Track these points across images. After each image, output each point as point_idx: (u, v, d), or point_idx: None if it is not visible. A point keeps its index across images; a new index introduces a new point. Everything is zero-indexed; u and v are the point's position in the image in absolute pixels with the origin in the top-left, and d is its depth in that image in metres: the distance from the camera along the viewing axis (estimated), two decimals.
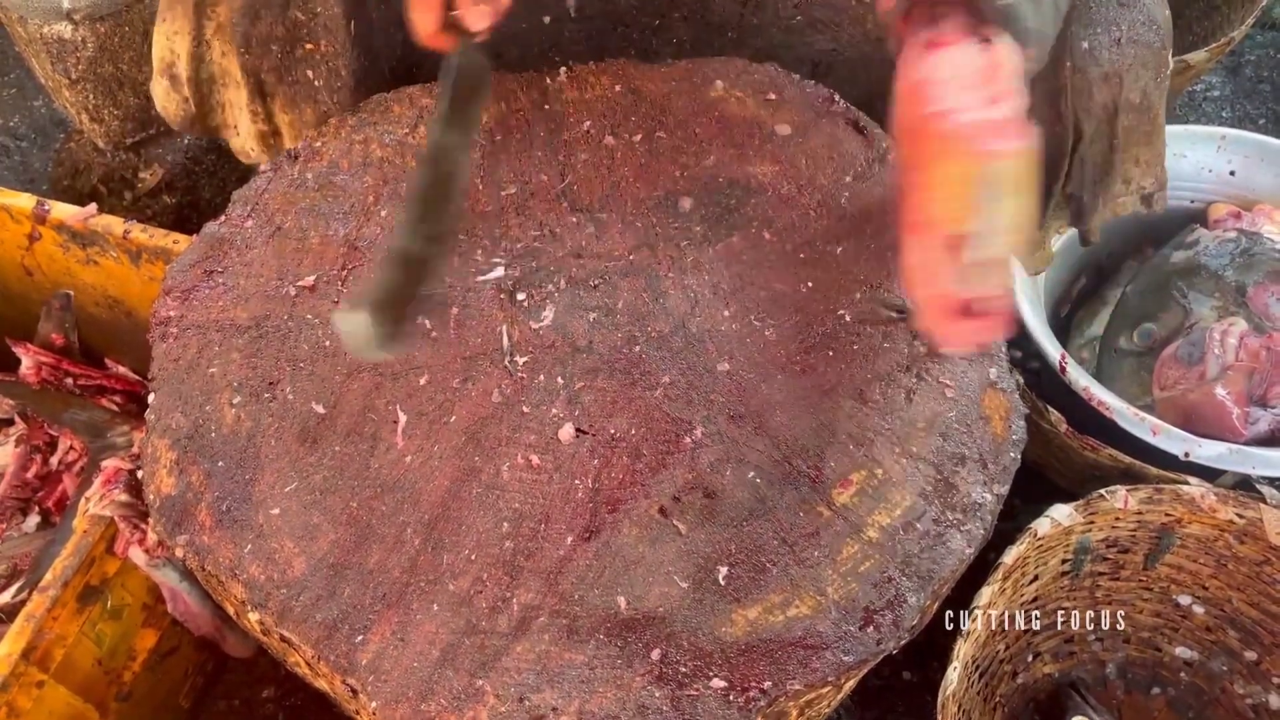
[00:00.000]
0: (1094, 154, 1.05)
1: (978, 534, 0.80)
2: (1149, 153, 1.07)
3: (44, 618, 0.92)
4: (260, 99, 1.03)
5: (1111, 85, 1.01)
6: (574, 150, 0.98)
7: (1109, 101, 1.02)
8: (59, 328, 1.29)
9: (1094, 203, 1.08)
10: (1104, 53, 1.00)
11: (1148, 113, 1.04)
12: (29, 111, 1.83)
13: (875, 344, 0.88)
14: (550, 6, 1.06)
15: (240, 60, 1.00)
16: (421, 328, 0.87)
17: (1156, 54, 1.02)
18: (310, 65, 1.01)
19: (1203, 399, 1.18)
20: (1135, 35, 1.01)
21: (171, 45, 1.03)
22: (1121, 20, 1.00)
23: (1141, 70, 1.01)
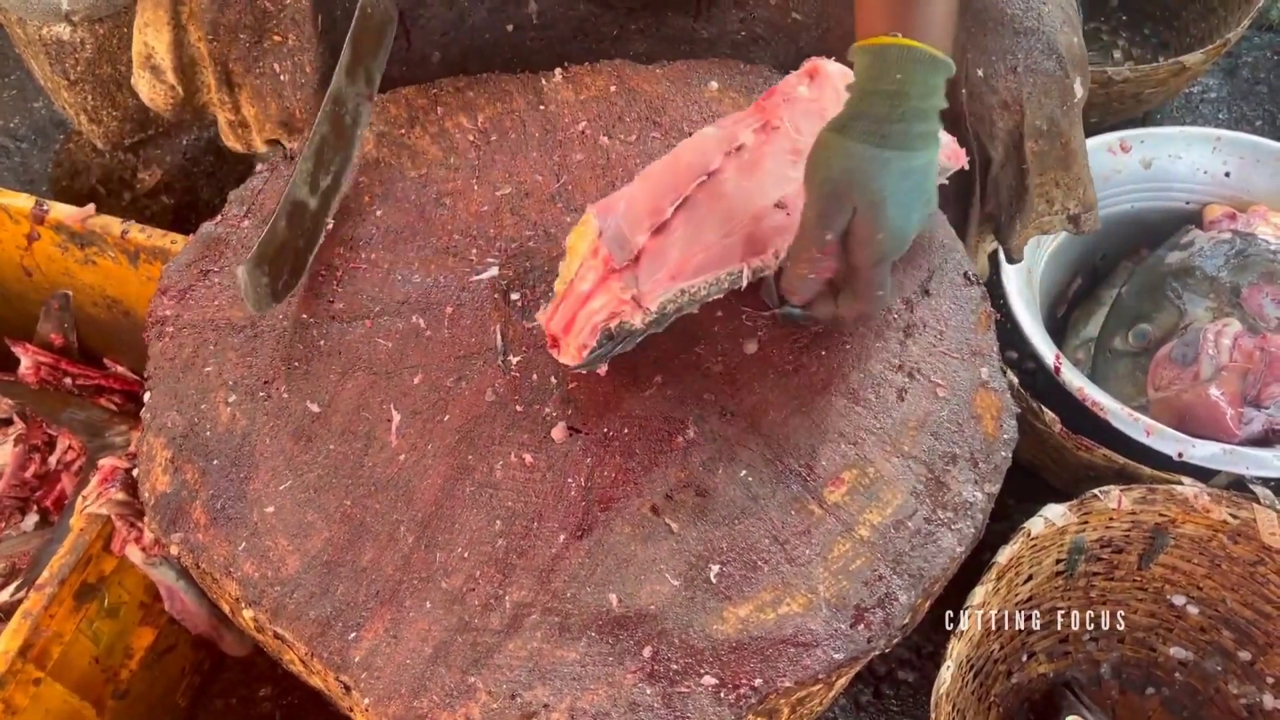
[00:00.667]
0: (1006, 177, 1.06)
1: (969, 533, 0.80)
2: (1067, 176, 1.07)
3: (41, 615, 0.93)
4: (228, 88, 1.04)
5: (1012, 113, 1.01)
6: (569, 150, 0.98)
7: (1013, 128, 1.02)
8: (58, 328, 1.29)
9: (1011, 223, 1.09)
10: (999, 81, 1.00)
11: (1058, 138, 1.04)
12: (29, 113, 1.84)
13: (868, 343, 0.88)
14: (512, 15, 1.07)
15: (208, 47, 1.00)
16: (416, 327, 0.88)
17: (1059, 82, 1.02)
18: (277, 58, 1.01)
19: (1197, 399, 1.18)
20: (1033, 64, 1.00)
21: (144, 38, 1.04)
22: (1018, 49, 1.00)
23: (1044, 98, 1.01)
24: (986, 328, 0.90)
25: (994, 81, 1.00)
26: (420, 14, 1.07)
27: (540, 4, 1.06)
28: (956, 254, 0.94)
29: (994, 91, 1.01)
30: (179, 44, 1.02)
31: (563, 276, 0.83)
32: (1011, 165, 1.05)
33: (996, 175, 1.06)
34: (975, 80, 1.01)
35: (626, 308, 0.80)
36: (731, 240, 0.84)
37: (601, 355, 0.81)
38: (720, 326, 0.87)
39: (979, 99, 1.01)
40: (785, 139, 0.89)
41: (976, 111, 1.02)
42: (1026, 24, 1.01)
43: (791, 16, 1.08)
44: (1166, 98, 1.58)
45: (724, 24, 1.10)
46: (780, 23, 1.09)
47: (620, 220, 0.84)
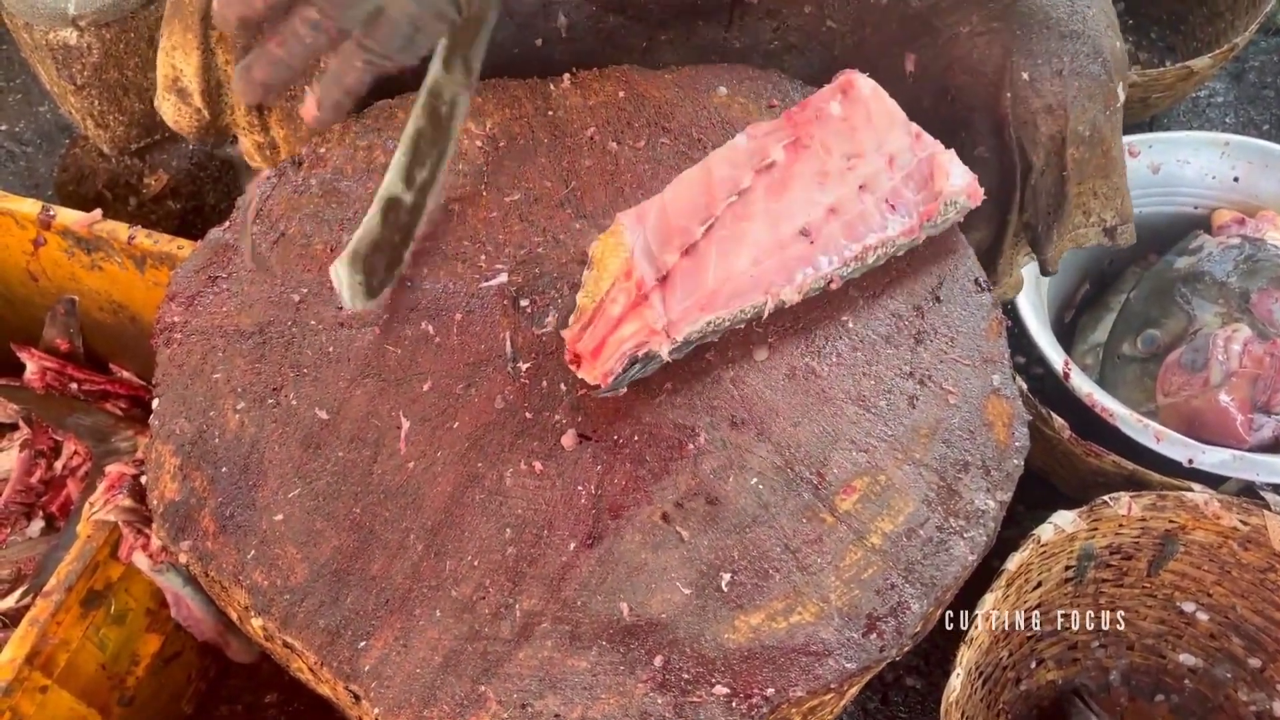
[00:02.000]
0: (1045, 184, 1.04)
1: (980, 541, 0.80)
2: (1105, 185, 1.06)
3: (48, 623, 0.92)
4: (257, 111, 1.03)
5: (1056, 117, 1.00)
6: (578, 156, 0.98)
7: (1055, 133, 1.00)
8: (64, 333, 1.29)
9: (1049, 233, 1.07)
10: (1045, 84, 0.99)
11: (1099, 145, 1.02)
12: (34, 117, 1.84)
13: (879, 350, 0.88)
14: (540, 29, 1.06)
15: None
16: (425, 334, 0.88)
17: (1103, 86, 1.01)
18: (308, 81, 1.01)
19: (1206, 405, 1.18)
20: (1079, 67, 0.99)
21: (172, 60, 1.03)
22: (1064, 52, 0.99)
23: (1088, 103, 1.00)
24: (998, 334, 0.90)
25: (1039, 85, 0.99)
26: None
27: (570, 17, 1.06)
28: (968, 260, 0.93)
29: (1039, 95, 0.99)
30: (208, 68, 1.02)
31: (589, 291, 0.83)
32: (1051, 172, 1.03)
33: (1036, 183, 1.04)
34: (1020, 84, 0.99)
35: (656, 338, 0.80)
36: (758, 270, 0.84)
37: (625, 380, 0.81)
38: (730, 333, 0.87)
39: (1024, 103, 1.00)
40: (814, 159, 0.89)
41: (1020, 115, 1.00)
42: (1073, 27, 1.00)
43: (826, 24, 1.07)
44: (1174, 102, 1.58)
45: (757, 34, 1.10)
46: (815, 31, 1.08)
47: (650, 235, 0.84)
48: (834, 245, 0.87)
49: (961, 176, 0.91)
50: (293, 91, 1.01)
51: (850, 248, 0.87)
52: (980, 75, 1.01)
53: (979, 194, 0.92)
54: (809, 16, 1.07)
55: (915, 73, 1.04)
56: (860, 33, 1.07)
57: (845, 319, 0.89)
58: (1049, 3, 1.00)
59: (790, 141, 0.89)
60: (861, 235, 0.88)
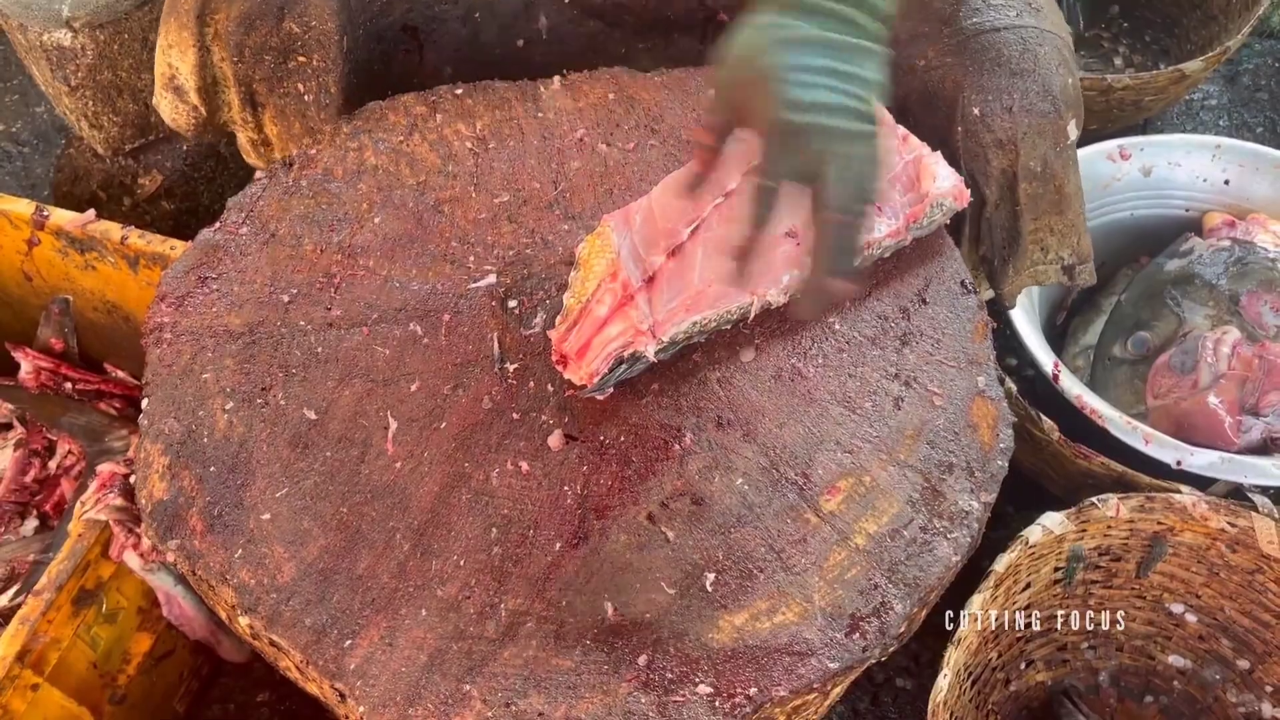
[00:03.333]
0: (999, 219, 1.05)
1: (964, 542, 0.80)
2: (1061, 222, 1.06)
3: (39, 621, 0.93)
4: (251, 108, 1.04)
5: (1007, 152, 1.01)
6: (567, 158, 0.99)
7: (1006, 168, 1.02)
8: (58, 332, 1.29)
9: (1004, 268, 1.08)
10: (996, 120, 1.00)
11: (1051, 181, 1.03)
12: (31, 117, 1.84)
13: (864, 351, 0.88)
14: (523, 30, 1.07)
15: (233, 69, 1.01)
16: (414, 334, 0.88)
17: (1053, 123, 1.02)
18: (301, 78, 1.02)
19: (1195, 408, 1.18)
20: (1028, 104, 1.01)
21: (168, 59, 1.04)
22: (1014, 89, 1.00)
23: (1038, 139, 1.01)
24: (983, 336, 0.90)
25: (990, 120, 1.01)
26: (435, 30, 1.08)
27: (550, 20, 1.06)
28: (954, 262, 0.94)
29: (989, 130, 1.01)
30: (204, 65, 1.02)
31: (575, 292, 0.84)
32: (1005, 207, 1.05)
33: (990, 216, 1.06)
34: (971, 118, 1.01)
35: (642, 338, 0.81)
36: None
37: (610, 380, 0.82)
38: (717, 334, 0.87)
39: (974, 137, 1.02)
40: None
41: (971, 149, 1.02)
42: (1024, 65, 1.02)
43: None
44: (1167, 105, 1.58)
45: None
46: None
47: (636, 237, 0.84)
48: None
49: (948, 179, 0.91)
50: (284, 89, 1.01)
51: None
52: (935, 109, 1.03)
53: (965, 196, 0.93)
54: None
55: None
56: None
57: (832, 320, 0.89)
58: (1000, 40, 1.02)
59: None
60: None
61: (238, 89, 1.02)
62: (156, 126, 1.42)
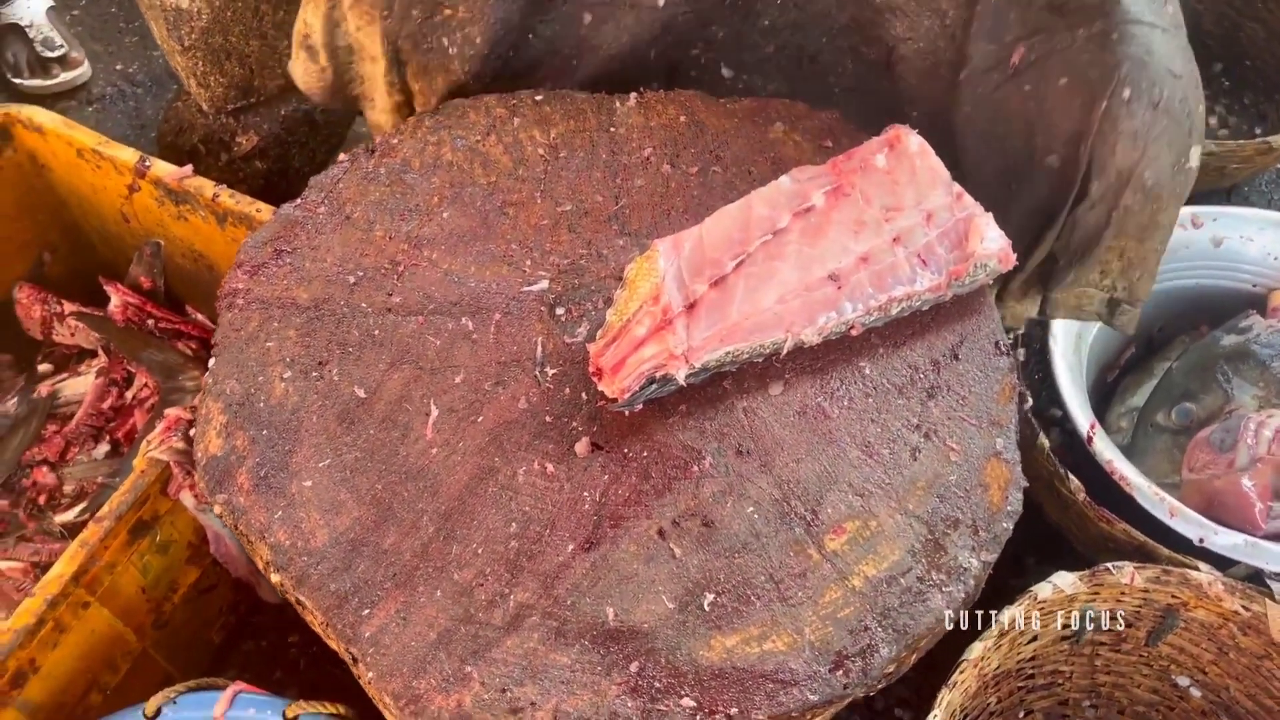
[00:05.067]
0: (1089, 220, 1.03)
1: (959, 597, 0.83)
2: (1137, 250, 1.04)
3: (96, 545, 1.01)
4: (397, 67, 1.07)
5: (1136, 148, 0.98)
6: (632, 175, 1.03)
7: (1125, 167, 0.99)
8: (148, 272, 1.38)
9: (1066, 271, 1.05)
10: (1140, 109, 0.98)
11: (1152, 202, 1.01)
12: (148, 60, 1.94)
13: (890, 400, 0.91)
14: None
15: (382, 26, 1.04)
16: (465, 329, 0.93)
17: (1184, 138, 1.00)
18: (446, 32, 1.04)
19: (1227, 487, 1.18)
20: (1171, 107, 0.99)
21: (305, 15, 1.08)
22: (1166, 86, 0.98)
23: (1166, 148, 0.99)
24: (1009, 399, 0.92)
25: (1135, 106, 0.98)
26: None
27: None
28: (991, 322, 0.96)
29: (1131, 116, 0.98)
30: (330, 24, 1.06)
31: (618, 310, 0.88)
32: (1101, 209, 1.03)
33: (1081, 214, 1.03)
34: (1118, 100, 0.98)
35: (674, 362, 0.85)
36: (782, 308, 0.88)
37: (641, 397, 0.86)
38: (749, 365, 0.91)
39: (1114, 121, 0.99)
40: (853, 208, 0.92)
41: (1105, 133, 0.99)
42: (1179, 69, 1.00)
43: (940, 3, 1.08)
44: (1254, 173, 1.56)
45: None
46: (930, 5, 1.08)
47: (683, 264, 0.88)
48: (860, 293, 0.90)
49: (996, 240, 0.93)
50: (429, 44, 1.06)
51: (876, 297, 0.90)
52: (1084, 80, 1.00)
53: (1011, 259, 0.94)
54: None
55: (1019, 65, 1.04)
56: (970, 10, 1.07)
57: (863, 365, 0.92)
58: (1164, 40, 1.01)
59: (832, 188, 0.93)
60: (889, 286, 0.91)
61: (385, 48, 1.05)
62: (258, 90, 1.49)
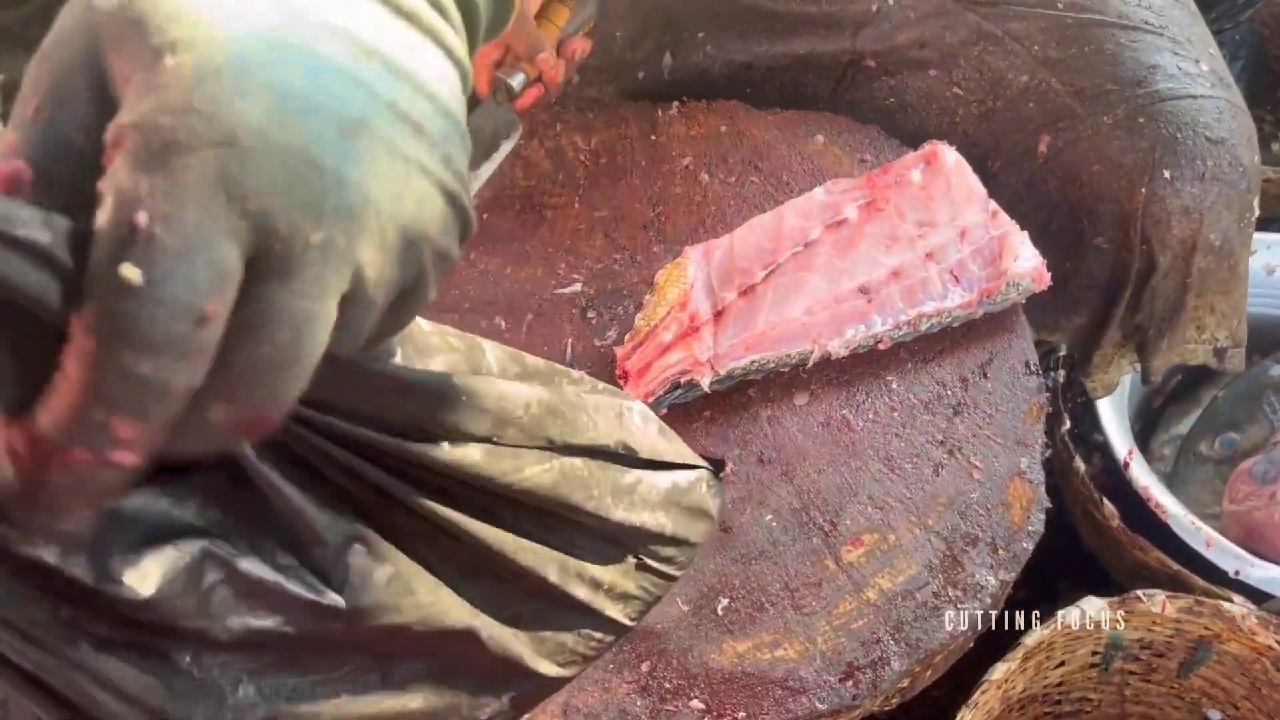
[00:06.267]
0: (1166, 289, 1.03)
1: (974, 614, 0.83)
2: (1225, 303, 1.04)
3: None
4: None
5: (1192, 220, 0.99)
6: (670, 182, 1.04)
7: (1187, 237, 0.99)
8: None
9: (1159, 340, 1.05)
10: (1186, 186, 0.98)
11: (1227, 259, 1.01)
12: None
13: (915, 415, 0.91)
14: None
15: None
16: (497, 327, 0.95)
17: (1241, 196, 1.00)
18: None
19: (1267, 520, 1.16)
20: (1220, 174, 0.98)
21: None
22: (1209, 156, 0.98)
23: (1225, 211, 0.99)
24: (1036, 419, 0.92)
25: (1180, 186, 0.98)
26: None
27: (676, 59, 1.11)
28: (1023, 341, 0.95)
29: (1178, 196, 0.99)
30: None
31: (646, 315, 0.89)
32: (1175, 277, 1.03)
33: (1156, 285, 1.03)
34: (1161, 181, 0.99)
35: (700, 368, 0.86)
36: (810, 319, 0.88)
37: (665, 402, 0.87)
38: (775, 374, 0.92)
39: (1160, 201, 0.99)
40: (886, 222, 0.93)
41: (1155, 214, 1.00)
42: (1219, 134, 1.00)
43: (952, 90, 1.10)
44: None
45: (871, 90, 1.12)
46: (937, 94, 1.10)
47: (713, 271, 0.90)
48: (890, 307, 0.90)
49: (1030, 260, 0.93)
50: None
51: (906, 312, 0.91)
52: (1118, 167, 1.01)
53: (1045, 279, 0.94)
54: (933, 80, 1.10)
55: (1047, 154, 1.05)
56: (989, 104, 1.09)
57: (890, 379, 0.93)
58: (1197, 107, 1.00)
59: (866, 202, 0.93)
60: (919, 301, 0.91)
61: None
62: None
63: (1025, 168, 1.06)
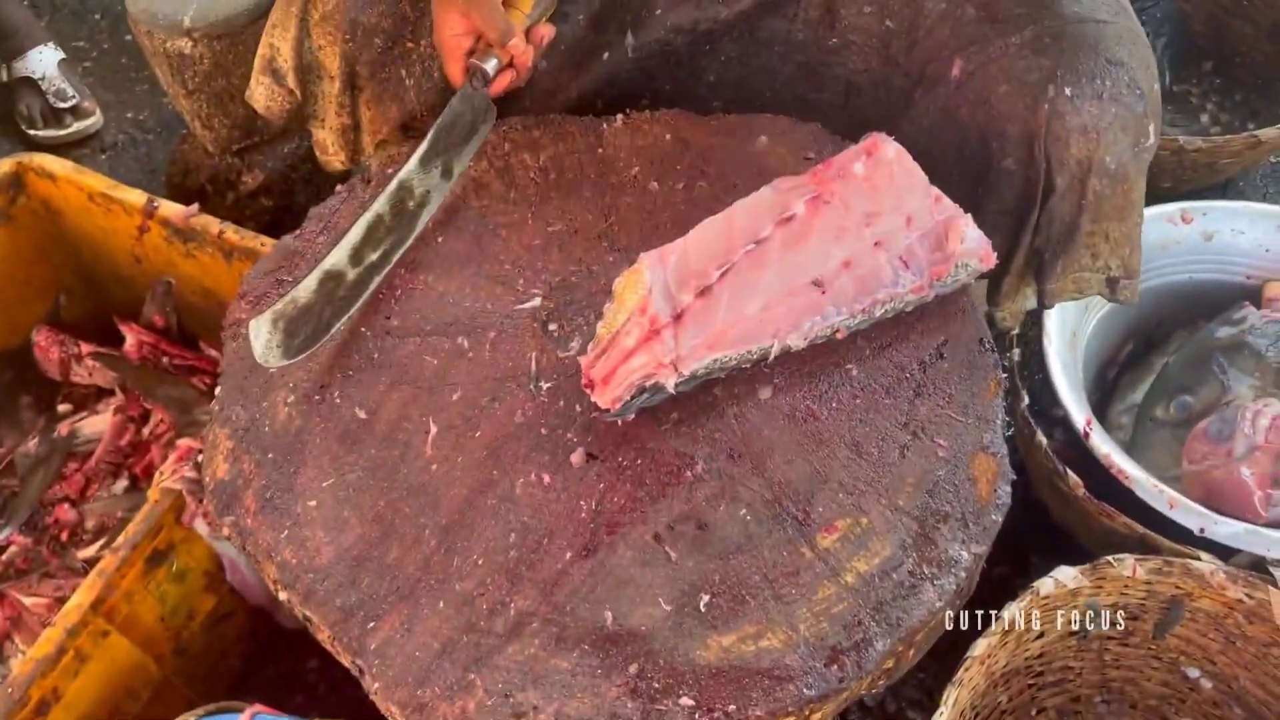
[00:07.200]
0: (1062, 211, 1.04)
1: (950, 589, 0.85)
2: (1119, 229, 1.05)
3: (113, 575, 1.04)
4: (350, 91, 1.10)
5: (1089, 139, 1.00)
6: (620, 193, 1.05)
7: (1084, 158, 1.01)
8: (160, 310, 1.42)
9: (1054, 263, 1.07)
10: (1085, 104, 1.00)
11: (1122, 183, 1.03)
12: (158, 107, 1.99)
13: (878, 399, 0.93)
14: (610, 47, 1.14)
15: (342, 48, 1.06)
16: (460, 348, 0.96)
17: (1138, 120, 1.01)
18: (405, 64, 1.07)
19: (1227, 477, 1.19)
20: (1118, 94, 1.00)
21: (271, 39, 1.10)
22: (1107, 76, 1.00)
23: (1120, 133, 1.01)
24: (995, 395, 0.94)
25: (1079, 103, 1.00)
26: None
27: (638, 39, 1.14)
28: (975, 320, 0.98)
29: (1077, 113, 1.00)
30: (301, 44, 1.08)
31: (607, 323, 0.90)
32: (1070, 199, 1.04)
33: (1054, 206, 1.05)
34: (1061, 99, 1.01)
35: (664, 370, 0.87)
36: (767, 315, 0.90)
37: (632, 406, 0.88)
38: (738, 371, 0.93)
39: (1060, 119, 1.01)
40: (834, 215, 0.94)
41: (1055, 131, 1.01)
42: (1119, 56, 1.02)
43: (885, 24, 1.12)
44: (1245, 168, 1.58)
45: (817, 30, 1.15)
46: (874, 29, 1.13)
47: (669, 276, 0.91)
48: (844, 297, 0.92)
49: (975, 240, 0.95)
50: (385, 74, 1.08)
51: (860, 300, 0.93)
52: (1023, 85, 1.03)
53: (991, 258, 0.96)
54: (868, 16, 1.13)
55: (959, 78, 1.08)
56: (914, 34, 1.11)
57: (850, 367, 0.94)
58: (1100, 31, 1.03)
59: (812, 196, 0.95)
60: (872, 289, 0.93)
61: (341, 71, 1.07)
62: (262, 130, 1.54)
63: (940, 94, 1.08)
